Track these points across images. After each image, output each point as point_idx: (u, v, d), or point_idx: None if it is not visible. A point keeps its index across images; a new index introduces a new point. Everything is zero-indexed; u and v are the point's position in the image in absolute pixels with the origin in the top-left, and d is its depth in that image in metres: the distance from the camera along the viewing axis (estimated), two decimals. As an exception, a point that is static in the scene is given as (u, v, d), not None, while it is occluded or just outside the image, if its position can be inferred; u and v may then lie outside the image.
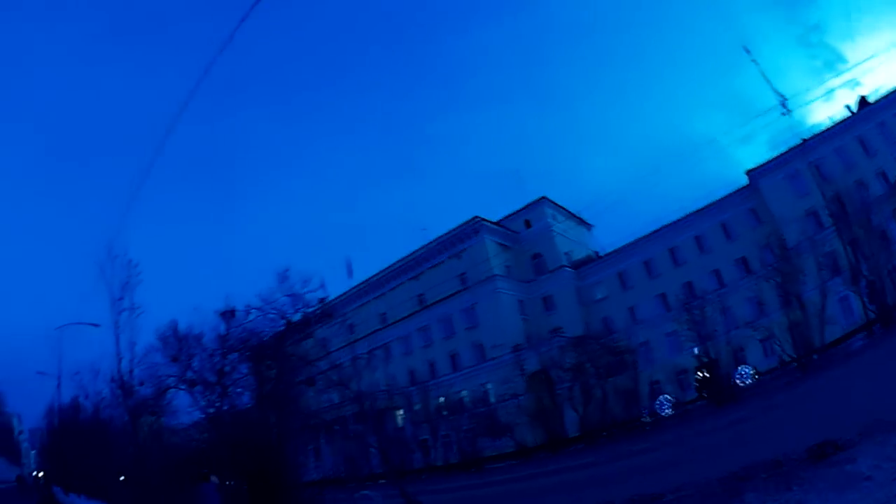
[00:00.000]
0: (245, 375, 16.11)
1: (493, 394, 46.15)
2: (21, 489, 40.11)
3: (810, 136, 42.82)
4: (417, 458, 46.11)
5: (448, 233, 56.87)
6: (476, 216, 55.51)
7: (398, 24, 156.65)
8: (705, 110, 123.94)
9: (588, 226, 60.61)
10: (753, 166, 45.95)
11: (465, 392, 48.38)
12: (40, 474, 51.43)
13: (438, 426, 45.85)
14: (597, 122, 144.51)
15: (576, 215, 58.67)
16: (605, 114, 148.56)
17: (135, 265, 18.74)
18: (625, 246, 52.59)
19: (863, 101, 42.39)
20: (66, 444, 32.01)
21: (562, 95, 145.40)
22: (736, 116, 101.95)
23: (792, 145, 43.38)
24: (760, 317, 38.11)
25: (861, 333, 32.87)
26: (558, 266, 54.88)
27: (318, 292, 16.07)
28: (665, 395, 41.36)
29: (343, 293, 60.34)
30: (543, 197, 57.66)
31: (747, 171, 46.15)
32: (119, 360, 18.52)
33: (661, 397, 41.38)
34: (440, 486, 31.77)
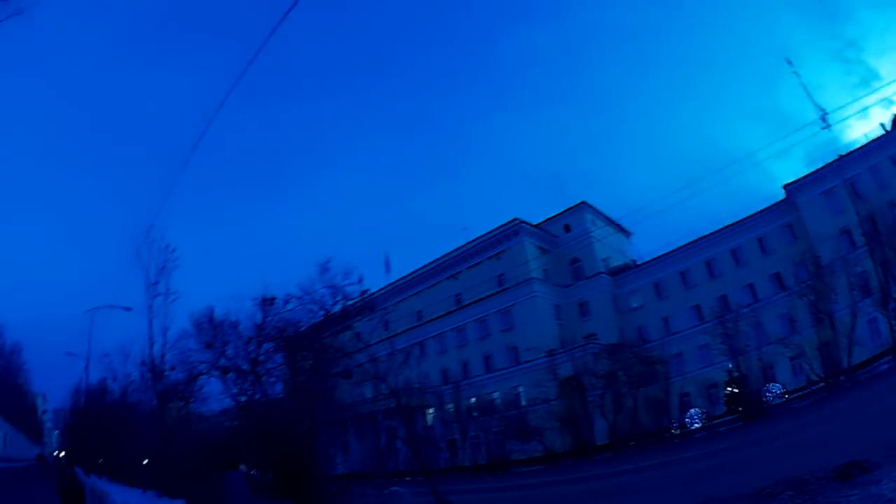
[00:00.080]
0: (279, 365, 15.95)
1: (524, 397, 46.47)
2: (41, 468, 39.62)
3: (846, 152, 42.25)
4: (444, 458, 46.76)
5: (488, 234, 57.31)
6: (516, 218, 55.82)
7: (449, 27, 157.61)
8: (743, 122, 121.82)
9: (627, 233, 60.17)
10: (790, 181, 45.60)
11: (497, 394, 48.98)
12: (61, 454, 52.02)
13: (468, 427, 46.48)
14: (638, 129, 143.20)
15: (615, 222, 58.29)
16: (645, 121, 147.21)
17: (172, 250, 18.32)
18: (662, 255, 52.57)
19: (896, 121, 41.52)
20: (91, 424, 31.87)
21: (605, 101, 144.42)
22: (774, 130, 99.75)
23: (828, 161, 42.87)
24: (792, 334, 38.13)
25: (887, 357, 32.84)
26: (596, 272, 54.86)
27: (358, 285, 15.71)
28: (695, 409, 41.68)
29: (380, 288, 60.76)
30: (584, 202, 57.52)
31: (785, 186, 45.85)
32: (151, 344, 18.37)
33: (691, 410, 41.70)
34: (468, 486, 32.21)
